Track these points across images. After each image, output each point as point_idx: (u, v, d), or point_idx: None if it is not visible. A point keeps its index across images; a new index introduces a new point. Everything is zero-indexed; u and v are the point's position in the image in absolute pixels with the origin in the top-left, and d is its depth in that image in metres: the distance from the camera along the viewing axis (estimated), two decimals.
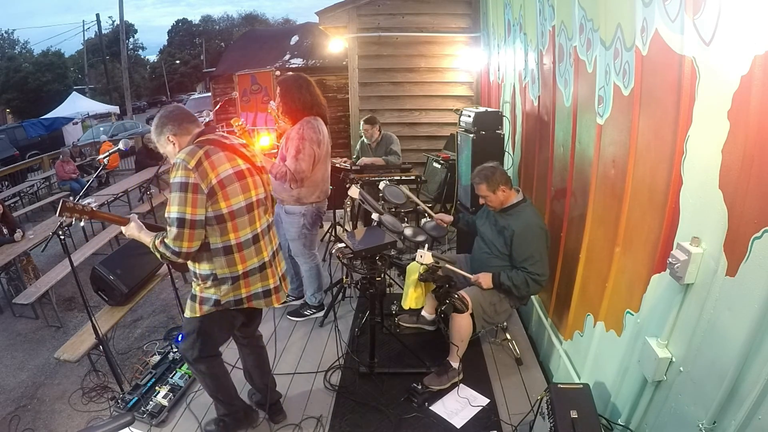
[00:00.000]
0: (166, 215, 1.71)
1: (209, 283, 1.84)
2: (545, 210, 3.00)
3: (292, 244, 3.03)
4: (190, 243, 1.70)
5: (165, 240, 1.71)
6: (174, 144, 1.80)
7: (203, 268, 1.83)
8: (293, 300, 3.41)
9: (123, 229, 1.92)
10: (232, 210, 1.77)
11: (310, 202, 2.89)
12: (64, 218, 1.91)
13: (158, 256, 1.76)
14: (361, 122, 4.56)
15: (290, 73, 3.00)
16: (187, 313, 1.93)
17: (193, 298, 1.89)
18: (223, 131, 2.03)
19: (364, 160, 4.55)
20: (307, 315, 3.28)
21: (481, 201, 2.63)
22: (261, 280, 1.93)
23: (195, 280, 1.89)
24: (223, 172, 1.74)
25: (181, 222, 1.67)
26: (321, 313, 3.27)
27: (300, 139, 2.68)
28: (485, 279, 2.51)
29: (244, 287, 1.88)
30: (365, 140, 4.63)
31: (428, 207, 3.87)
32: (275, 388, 2.34)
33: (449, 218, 2.98)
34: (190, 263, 1.85)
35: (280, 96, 2.78)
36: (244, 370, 2.33)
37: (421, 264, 2.41)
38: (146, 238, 1.83)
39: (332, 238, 4.31)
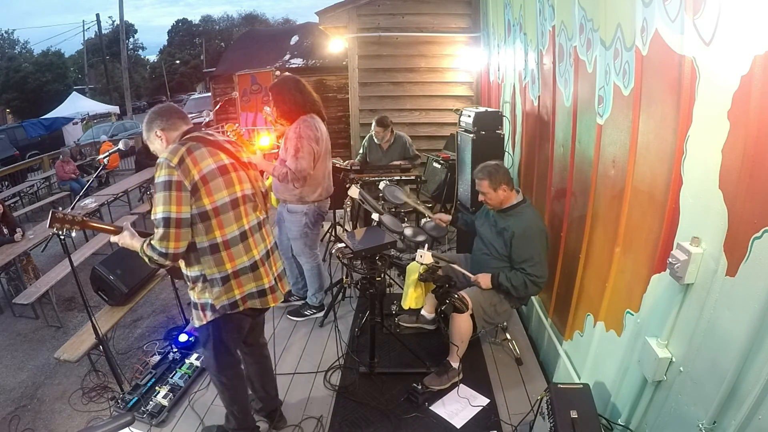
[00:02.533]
0: (152, 218, 1.68)
1: (200, 285, 1.81)
2: (545, 210, 3.00)
3: (293, 243, 3.04)
4: (177, 243, 1.66)
5: (152, 242, 1.68)
6: (162, 139, 1.80)
7: (192, 269, 1.81)
8: (297, 300, 3.41)
9: (115, 238, 1.88)
10: (216, 206, 1.72)
11: (312, 201, 2.89)
12: (55, 229, 1.88)
13: (146, 260, 1.73)
14: (373, 123, 4.46)
15: (287, 73, 3.00)
16: (195, 323, 1.92)
17: (195, 306, 1.86)
18: (220, 131, 2.04)
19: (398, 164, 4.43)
20: (308, 315, 3.28)
21: (480, 198, 2.61)
22: (254, 280, 1.87)
23: (188, 284, 1.87)
24: (205, 168, 1.70)
25: (167, 221, 1.64)
26: (321, 314, 3.27)
27: (298, 138, 2.68)
28: (484, 279, 2.51)
29: (236, 288, 1.82)
30: (375, 140, 4.54)
31: (428, 207, 3.86)
32: (276, 395, 2.33)
33: (447, 217, 2.98)
34: (181, 266, 1.84)
35: (273, 100, 2.80)
36: (246, 378, 2.26)
37: (421, 264, 2.42)
38: (137, 244, 1.80)
39: (332, 238, 4.31)
